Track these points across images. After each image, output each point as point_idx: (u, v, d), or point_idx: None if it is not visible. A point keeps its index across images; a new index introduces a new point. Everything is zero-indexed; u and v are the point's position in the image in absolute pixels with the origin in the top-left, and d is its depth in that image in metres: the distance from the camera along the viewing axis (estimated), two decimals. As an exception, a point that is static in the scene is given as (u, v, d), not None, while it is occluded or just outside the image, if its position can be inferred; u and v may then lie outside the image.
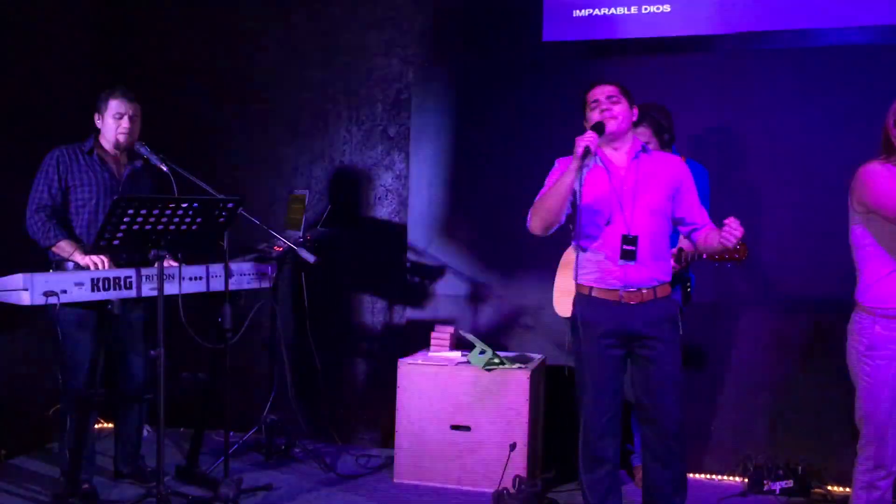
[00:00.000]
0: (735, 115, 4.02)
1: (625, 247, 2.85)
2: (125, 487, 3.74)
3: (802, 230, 3.92)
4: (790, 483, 3.76)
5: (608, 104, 2.92)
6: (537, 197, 2.97)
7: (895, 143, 2.69)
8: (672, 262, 3.17)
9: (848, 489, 3.70)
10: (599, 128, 2.86)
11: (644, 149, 3.01)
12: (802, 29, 3.93)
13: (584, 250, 2.97)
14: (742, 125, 4.01)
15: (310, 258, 3.77)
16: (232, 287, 3.59)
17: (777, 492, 3.76)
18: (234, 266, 3.66)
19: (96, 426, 3.90)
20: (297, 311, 4.49)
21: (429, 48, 4.49)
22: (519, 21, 4.33)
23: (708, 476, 4.02)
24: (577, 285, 3.01)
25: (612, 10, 4.14)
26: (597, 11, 4.17)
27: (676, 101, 3.73)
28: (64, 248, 3.46)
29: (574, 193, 2.91)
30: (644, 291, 2.90)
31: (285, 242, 3.81)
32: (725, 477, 4.00)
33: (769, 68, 3.99)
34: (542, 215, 2.90)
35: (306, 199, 4.16)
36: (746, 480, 3.84)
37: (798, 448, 3.88)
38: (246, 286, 3.74)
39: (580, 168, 2.81)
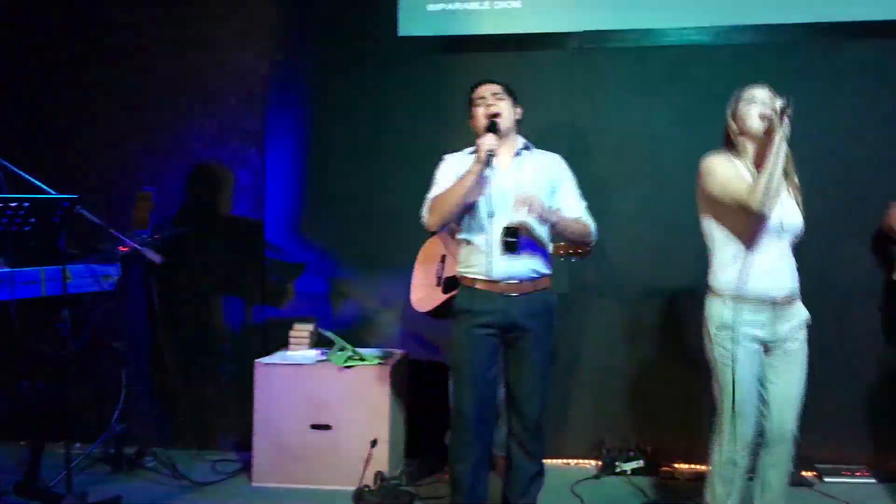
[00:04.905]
0: (583, 109, 4.16)
1: (507, 239, 2.93)
2: (-44, 509, 3.48)
3: (650, 221, 4.09)
4: (640, 463, 3.93)
5: (493, 100, 3.02)
6: (434, 194, 3.02)
7: (733, 137, 2.85)
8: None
9: (693, 466, 3.93)
10: (495, 128, 2.92)
11: (526, 146, 3.10)
12: (645, 28, 4.10)
13: (469, 243, 3.04)
14: (590, 119, 4.16)
15: (156, 258, 3.61)
16: (71, 291, 3.38)
17: (628, 472, 3.92)
18: (72, 268, 3.46)
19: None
20: (148, 314, 4.30)
21: (283, 42, 4.39)
22: (375, 16, 4.29)
23: (565, 461, 4.13)
24: (462, 277, 3.07)
25: (465, 6, 4.18)
26: (450, 6, 4.19)
27: (528, 96, 3.79)
28: None
29: None
30: (525, 283, 2.98)
31: (129, 242, 3.63)
32: (581, 461, 4.12)
33: (615, 65, 4.15)
34: (442, 214, 2.97)
35: (153, 197, 3.99)
36: (601, 463, 3.99)
37: (649, 430, 4.07)
38: (87, 289, 3.54)
39: (482, 172, 2.87)
